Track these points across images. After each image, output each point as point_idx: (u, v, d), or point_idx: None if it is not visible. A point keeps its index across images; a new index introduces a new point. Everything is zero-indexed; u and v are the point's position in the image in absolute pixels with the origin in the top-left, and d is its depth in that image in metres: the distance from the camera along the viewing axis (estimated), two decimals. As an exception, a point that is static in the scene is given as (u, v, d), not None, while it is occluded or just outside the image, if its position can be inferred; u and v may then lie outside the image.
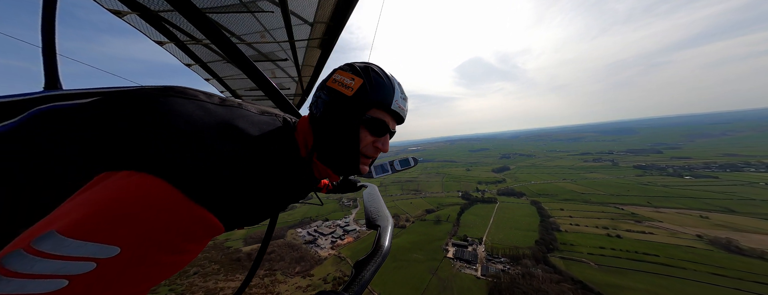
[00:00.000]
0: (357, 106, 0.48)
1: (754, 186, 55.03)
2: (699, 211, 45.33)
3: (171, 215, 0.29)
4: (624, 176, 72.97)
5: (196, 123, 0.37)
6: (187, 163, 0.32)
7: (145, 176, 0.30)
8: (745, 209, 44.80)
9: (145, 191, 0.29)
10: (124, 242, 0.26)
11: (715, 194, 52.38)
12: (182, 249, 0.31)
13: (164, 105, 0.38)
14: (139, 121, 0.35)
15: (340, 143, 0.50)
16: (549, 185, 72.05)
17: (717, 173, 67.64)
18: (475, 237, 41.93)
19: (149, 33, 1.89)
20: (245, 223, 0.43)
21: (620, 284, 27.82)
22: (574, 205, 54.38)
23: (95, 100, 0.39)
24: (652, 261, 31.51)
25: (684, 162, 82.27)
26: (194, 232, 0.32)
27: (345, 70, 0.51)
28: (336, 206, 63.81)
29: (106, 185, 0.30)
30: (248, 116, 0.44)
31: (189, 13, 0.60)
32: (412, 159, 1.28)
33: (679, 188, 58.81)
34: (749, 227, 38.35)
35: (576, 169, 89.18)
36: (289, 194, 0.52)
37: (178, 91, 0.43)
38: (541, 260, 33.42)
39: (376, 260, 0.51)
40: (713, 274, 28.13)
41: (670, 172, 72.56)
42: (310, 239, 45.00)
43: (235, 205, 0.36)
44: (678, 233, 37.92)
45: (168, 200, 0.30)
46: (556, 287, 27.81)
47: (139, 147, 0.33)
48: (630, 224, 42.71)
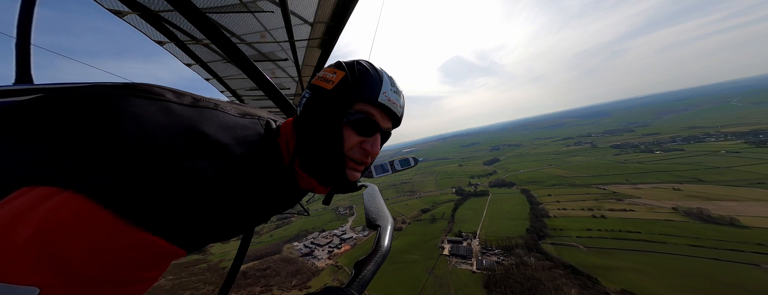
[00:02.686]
0: (338, 101, 0.42)
1: (717, 155, 59.17)
2: (671, 184, 47.92)
3: (103, 243, 0.23)
4: (603, 157, 76.48)
5: (151, 130, 0.29)
6: (128, 180, 0.25)
7: (72, 195, 0.23)
8: (712, 177, 47.95)
9: (70, 214, 0.22)
10: (43, 280, 0.20)
11: (683, 166, 55.84)
12: (128, 280, 0.25)
13: (114, 108, 0.30)
14: (77, 128, 0.28)
15: (320, 146, 0.43)
16: (536, 172, 73.81)
17: (682, 145, 72.35)
18: (470, 232, 41.84)
19: (149, 33, 1.92)
20: (211, 241, 0.36)
21: (608, 265, 28.35)
22: (560, 189, 55.80)
23: (32, 99, 0.31)
24: (635, 238, 32.53)
25: (653, 138, 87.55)
26: (139, 259, 0.26)
27: (329, 66, 0.47)
28: (332, 216, 62.20)
29: (21, 204, 0.23)
30: (221, 120, 0.37)
31: (189, 13, 0.58)
32: (412, 159, 1.27)
33: (651, 163, 62.06)
34: (717, 195, 40.87)
35: (559, 154, 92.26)
36: (266, 207, 0.44)
37: (140, 89, 0.34)
38: (533, 247, 33.73)
39: (377, 260, 0.49)
40: (691, 245, 29.34)
41: (643, 148, 76.81)
42: (307, 252, 43.84)
43: (191, 225, 0.29)
44: (655, 208, 39.69)
45: (98, 224, 0.23)
46: (548, 274, 28.02)
47: (70, 159, 0.26)
48: (612, 203, 44.33)
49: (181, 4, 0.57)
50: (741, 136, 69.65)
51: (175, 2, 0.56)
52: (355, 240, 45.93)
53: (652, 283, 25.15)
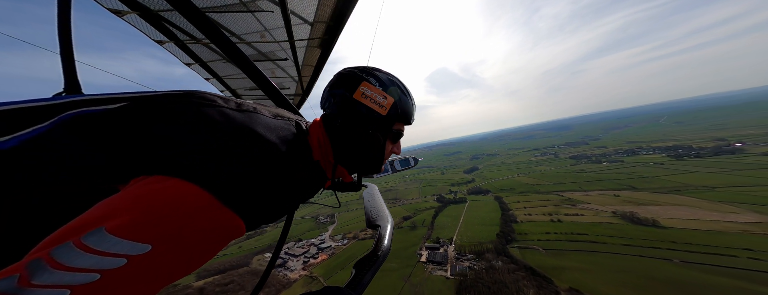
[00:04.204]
0: (387, 123, 0.55)
1: (647, 166, 70.63)
2: (613, 190, 55.74)
3: (201, 218, 0.31)
4: (563, 167, 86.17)
5: (221, 129, 0.39)
6: (217, 168, 0.34)
7: (177, 180, 0.32)
8: (642, 185, 56.94)
9: (179, 195, 0.31)
10: (155, 240, 0.28)
11: (622, 175, 65.47)
12: (204, 250, 0.33)
13: (190, 111, 0.40)
14: (169, 128, 0.37)
15: (368, 152, 0.56)
16: (508, 180, 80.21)
17: (622, 157, 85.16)
18: (447, 238, 43.48)
19: (149, 32, 1.88)
20: (263, 223, 0.46)
21: (561, 266, 31.96)
22: (527, 196, 61.34)
23: (124, 106, 0.40)
24: (583, 240, 37.28)
25: (601, 150, 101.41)
26: (220, 233, 0.33)
27: (373, 85, 0.54)
28: (312, 225, 60.09)
29: (142, 188, 0.32)
30: (264, 122, 0.46)
31: (189, 13, 0.60)
32: (412, 159, 1.26)
33: (598, 172, 71.71)
34: (645, 200, 48.65)
35: (528, 163, 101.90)
36: (303, 194, 0.55)
37: (198, 96, 0.44)
38: (501, 252, 36.31)
39: (377, 260, 0.51)
40: (624, 244, 34.59)
41: (594, 159, 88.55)
42: (279, 263, 40.80)
43: (258, 207, 0.38)
44: (600, 212, 45.87)
45: (200, 203, 0.32)
46: (512, 276, 30.54)
47: (170, 153, 0.35)
48: (567, 208, 50.04)
49: (181, 4, 0.58)
50: (665, 150, 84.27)
51: (175, 2, 0.58)
52: (333, 249, 43.96)
53: (593, 280, 29.08)
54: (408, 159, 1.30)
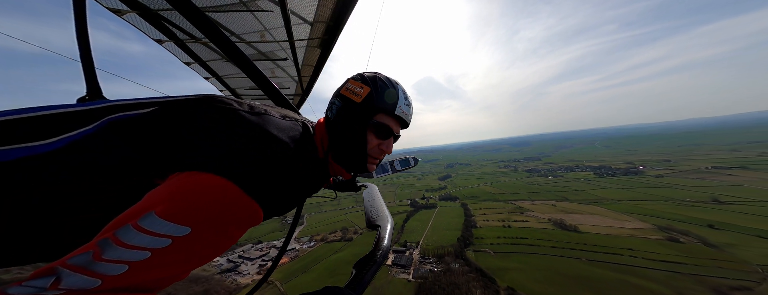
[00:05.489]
0: (365, 112, 0.57)
1: (579, 181, 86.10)
2: (552, 201, 66.86)
3: (231, 206, 0.38)
4: (519, 179, 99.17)
5: (241, 129, 0.44)
6: (239, 164, 0.39)
7: (209, 175, 0.38)
8: (573, 196, 69.49)
9: (211, 186, 0.37)
10: (194, 224, 0.34)
11: (560, 188, 78.67)
12: (232, 234, 0.39)
13: (214, 114, 0.46)
14: (198, 129, 0.43)
15: (350, 145, 0.59)
16: (475, 188, 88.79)
17: (563, 173, 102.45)
18: (414, 241, 46.64)
19: (149, 31, 1.90)
20: (277, 213, 0.53)
21: (506, 266, 37.56)
22: (488, 204, 69.16)
23: (155, 110, 0.46)
24: (525, 243, 44.24)
25: (549, 166, 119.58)
26: (244, 220, 0.40)
27: (356, 80, 0.60)
28: (276, 226, 56.17)
29: (180, 181, 0.38)
30: (276, 123, 0.50)
31: (189, 13, 0.60)
32: (412, 159, 1.26)
33: (545, 185, 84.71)
34: (572, 209, 59.67)
35: (493, 174, 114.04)
36: (309, 188, 0.59)
37: (217, 100, 0.49)
38: (459, 255, 40.39)
39: (377, 260, 0.52)
40: (553, 247, 42.46)
41: (543, 173, 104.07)
42: (229, 267, 37.54)
43: (274, 198, 0.44)
44: (540, 219, 54.73)
45: (228, 193, 0.37)
46: (465, 278, 34.38)
47: (198, 152, 0.40)
48: (517, 215, 58.16)
49: (180, 4, 0.58)
50: (593, 169, 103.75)
51: (175, 1, 0.57)
52: (297, 252, 42.20)
53: (526, 278, 35.10)
54: (408, 159, 1.28)
